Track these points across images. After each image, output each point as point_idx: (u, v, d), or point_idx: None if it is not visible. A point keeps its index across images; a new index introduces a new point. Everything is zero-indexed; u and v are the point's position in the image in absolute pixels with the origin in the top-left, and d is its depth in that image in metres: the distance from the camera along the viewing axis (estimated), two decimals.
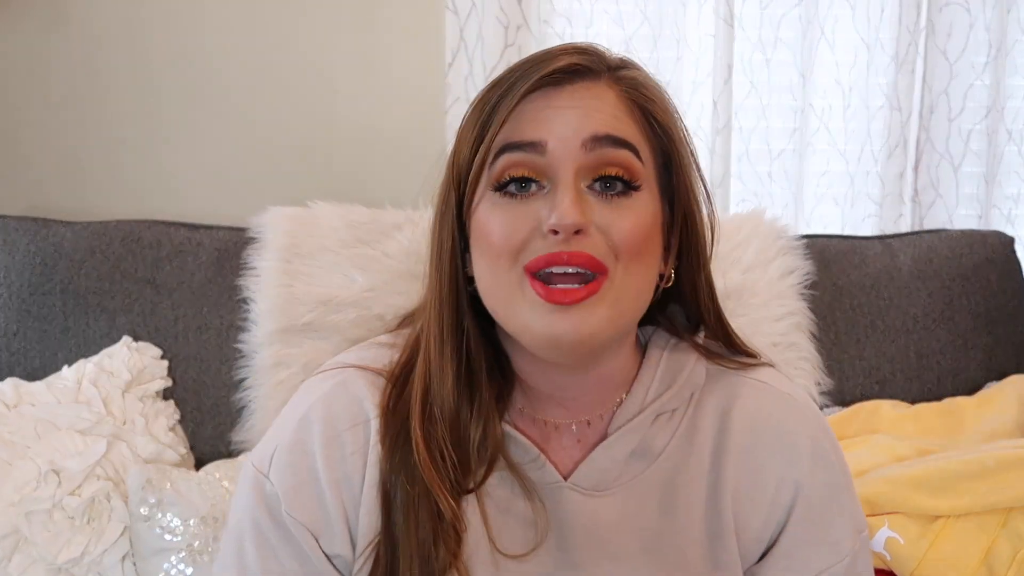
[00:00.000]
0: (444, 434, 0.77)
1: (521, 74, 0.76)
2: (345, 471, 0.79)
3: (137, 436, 1.43)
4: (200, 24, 1.86)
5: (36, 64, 1.85)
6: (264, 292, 1.55)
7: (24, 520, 1.29)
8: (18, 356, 1.55)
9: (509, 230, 0.74)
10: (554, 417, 0.82)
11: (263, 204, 1.65)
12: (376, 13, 1.87)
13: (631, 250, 0.74)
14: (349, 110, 1.89)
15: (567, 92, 0.75)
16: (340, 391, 0.82)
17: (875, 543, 1.24)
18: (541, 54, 0.77)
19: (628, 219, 0.74)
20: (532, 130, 0.74)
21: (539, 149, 0.73)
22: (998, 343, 1.67)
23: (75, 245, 1.58)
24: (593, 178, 0.74)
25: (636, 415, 0.82)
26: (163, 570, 1.28)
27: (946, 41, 1.96)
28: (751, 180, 2.01)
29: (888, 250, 1.70)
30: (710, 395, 0.84)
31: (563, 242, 0.72)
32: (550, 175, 0.74)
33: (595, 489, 0.81)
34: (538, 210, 0.73)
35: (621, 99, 0.77)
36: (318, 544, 0.79)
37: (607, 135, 0.74)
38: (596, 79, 0.77)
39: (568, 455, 0.82)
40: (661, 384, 0.83)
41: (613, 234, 0.73)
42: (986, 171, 2.03)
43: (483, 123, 0.76)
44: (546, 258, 0.72)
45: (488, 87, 0.78)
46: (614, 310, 0.74)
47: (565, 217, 0.71)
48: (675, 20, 1.90)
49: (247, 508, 0.81)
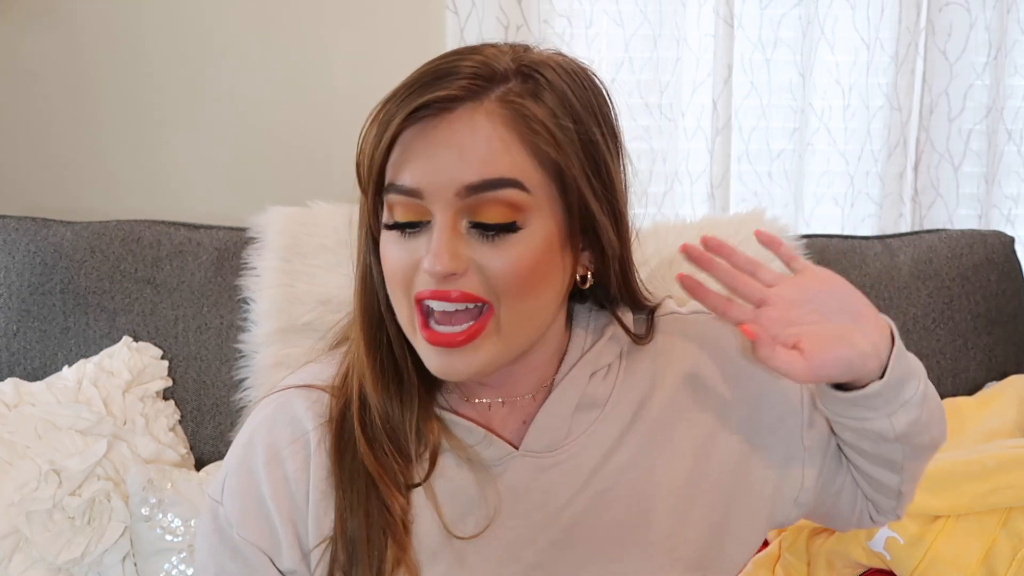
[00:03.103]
0: (383, 432, 0.80)
1: (410, 94, 0.74)
2: (289, 488, 0.81)
3: (137, 436, 1.43)
4: (200, 24, 1.86)
5: (36, 64, 1.85)
6: (264, 292, 1.55)
7: (24, 520, 1.29)
8: (18, 356, 1.55)
9: (399, 265, 0.76)
10: (493, 397, 0.84)
11: (263, 204, 1.65)
12: (376, 13, 1.87)
13: (513, 288, 0.74)
14: (349, 110, 1.89)
15: (445, 123, 0.73)
16: (279, 412, 0.84)
17: (875, 543, 1.24)
18: (440, 67, 0.75)
19: (508, 258, 0.74)
20: (409, 174, 0.74)
21: (416, 194, 0.74)
22: (998, 343, 1.67)
23: (75, 245, 1.58)
24: (471, 221, 0.74)
25: (572, 368, 0.84)
26: (163, 570, 1.28)
27: (946, 41, 1.96)
28: (751, 180, 2.01)
29: (888, 250, 1.70)
30: (638, 351, 0.88)
31: (441, 282, 0.74)
32: (431, 215, 0.74)
33: (548, 450, 0.82)
34: (421, 246, 0.75)
35: (506, 126, 0.74)
36: (272, 563, 0.82)
37: (483, 181, 0.73)
38: (479, 103, 0.74)
39: (514, 429, 0.84)
40: (592, 340, 0.86)
41: (492, 275, 0.74)
42: (986, 171, 2.03)
43: (375, 142, 0.76)
44: (428, 293, 0.74)
45: (388, 97, 0.77)
46: (503, 342, 0.76)
47: (435, 264, 0.72)
48: (675, 20, 1.90)
49: (205, 537, 0.84)
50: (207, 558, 0.84)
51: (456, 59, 0.76)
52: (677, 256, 1.61)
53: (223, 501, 0.83)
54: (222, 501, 0.83)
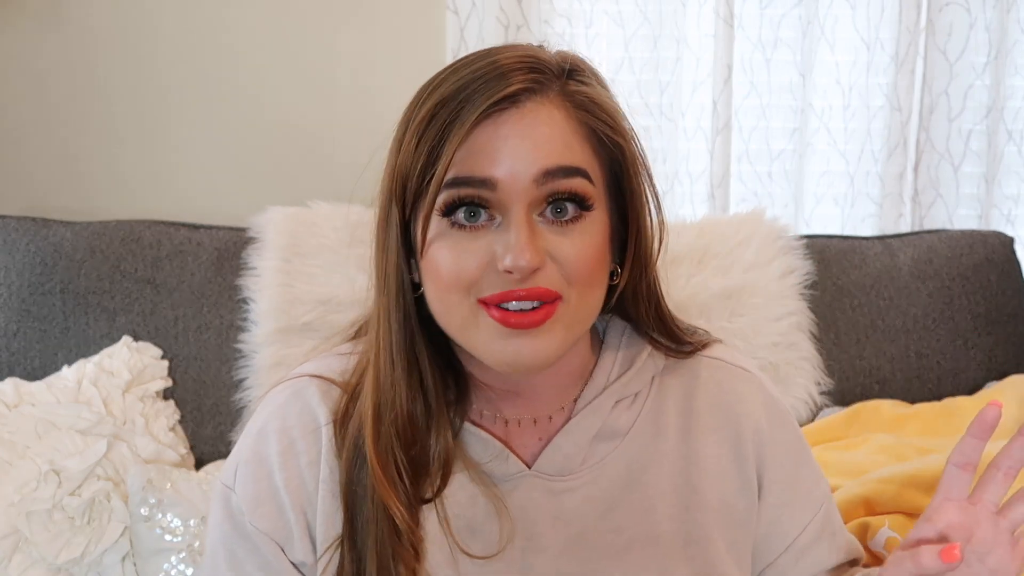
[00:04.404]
0: (398, 446, 0.77)
1: (469, 95, 0.73)
2: (302, 479, 0.81)
3: (137, 436, 1.43)
4: (200, 24, 1.86)
5: (36, 64, 1.85)
6: (264, 292, 1.55)
7: (24, 520, 1.29)
8: (18, 356, 1.55)
9: (460, 266, 0.73)
10: (514, 415, 0.83)
11: (263, 204, 1.65)
12: (376, 13, 1.87)
13: (584, 276, 0.74)
14: (349, 110, 1.89)
15: (516, 117, 0.73)
16: (294, 400, 0.83)
17: (875, 543, 1.24)
18: (489, 67, 0.74)
19: (580, 245, 0.74)
20: (482, 165, 0.72)
21: (489, 185, 0.72)
22: (998, 343, 1.67)
23: (75, 245, 1.58)
24: (544, 205, 0.73)
25: (596, 397, 0.83)
26: (163, 570, 1.28)
27: (946, 41, 1.96)
28: (751, 180, 2.01)
29: (888, 250, 1.70)
30: (671, 376, 0.86)
31: (518, 280, 0.72)
32: (501, 209, 0.73)
33: (560, 474, 0.81)
34: (490, 244, 0.73)
35: (570, 119, 0.75)
36: (283, 553, 0.81)
37: (559, 167, 0.73)
38: (545, 96, 0.74)
39: (531, 448, 0.82)
40: (620, 368, 0.84)
41: (566, 263, 0.73)
42: (986, 171, 2.03)
43: (431, 149, 0.73)
44: (501, 295, 0.72)
45: (435, 103, 0.74)
46: (569, 331, 0.75)
47: (520, 259, 0.71)
48: (675, 20, 1.90)
49: (217, 525, 0.83)
50: (218, 544, 0.82)
51: (507, 65, 0.74)
52: (677, 257, 1.62)
53: (235, 488, 0.82)
54: (234, 488, 0.82)
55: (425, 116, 0.74)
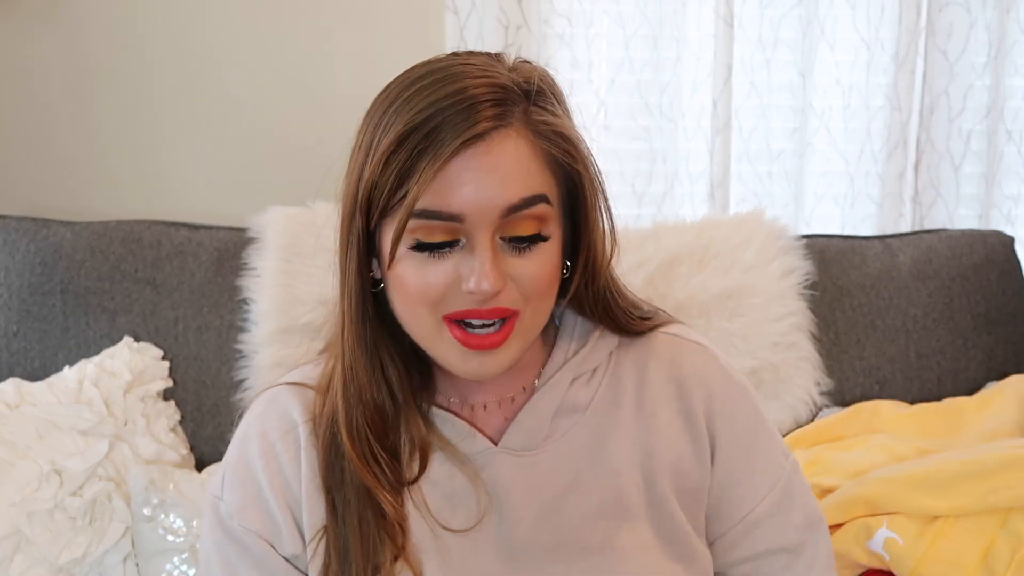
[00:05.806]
0: (372, 436, 0.83)
1: (439, 125, 0.74)
2: (284, 477, 0.86)
3: (138, 437, 1.44)
4: (200, 24, 1.86)
5: (35, 64, 1.85)
6: (264, 292, 1.55)
7: (25, 520, 1.29)
8: (18, 356, 1.55)
9: (427, 283, 0.78)
10: (480, 399, 0.88)
11: (263, 204, 1.65)
12: (376, 13, 1.87)
13: (540, 292, 0.80)
14: (349, 110, 1.88)
15: (483, 150, 0.75)
16: (271, 407, 0.89)
17: (874, 543, 1.25)
18: (457, 98, 0.75)
19: (538, 265, 0.79)
20: (449, 201, 0.75)
21: (458, 219, 0.76)
22: (998, 343, 1.67)
23: (75, 245, 1.58)
24: (507, 235, 0.78)
25: (555, 374, 0.88)
26: (165, 571, 1.29)
27: (946, 41, 1.96)
28: (751, 180, 2.01)
29: (888, 250, 1.70)
30: (627, 352, 0.91)
31: (480, 301, 0.77)
32: (467, 234, 0.77)
33: (525, 449, 0.86)
34: (456, 264, 0.77)
35: (534, 147, 0.78)
36: (274, 549, 0.86)
37: (522, 200, 0.76)
38: (510, 127, 0.77)
39: (498, 427, 0.87)
40: (576, 346, 0.90)
41: (524, 283, 0.78)
42: (986, 171, 2.03)
43: (399, 173, 0.75)
44: (464, 312, 0.78)
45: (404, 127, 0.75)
46: (525, 339, 0.81)
47: (484, 283, 0.75)
48: (675, 20, 1.90)
49: (209, 533, 0.88)
50: (212, 551, 0.87)
51: (468, 84, 0.76)
52: (677, 257, 1.62)
53: (223, 496, 0.87)
54: (222, 496, 0.87)
55: (394, 140, 0.76)
